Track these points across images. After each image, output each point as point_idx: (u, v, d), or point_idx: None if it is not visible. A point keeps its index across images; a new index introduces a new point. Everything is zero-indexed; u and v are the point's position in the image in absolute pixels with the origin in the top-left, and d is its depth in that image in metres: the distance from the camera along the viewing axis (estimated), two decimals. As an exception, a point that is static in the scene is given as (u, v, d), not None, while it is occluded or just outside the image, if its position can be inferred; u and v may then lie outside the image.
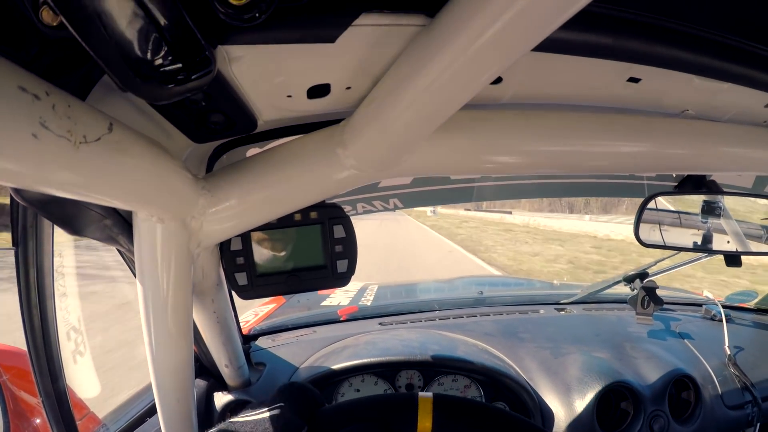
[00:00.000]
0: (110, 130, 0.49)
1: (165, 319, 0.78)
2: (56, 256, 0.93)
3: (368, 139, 0.68)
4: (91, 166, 0.48)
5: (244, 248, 0.87)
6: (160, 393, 0.88)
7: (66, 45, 0.45)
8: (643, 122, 0.81)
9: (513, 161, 0.79)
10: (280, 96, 0.66)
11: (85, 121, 0.46)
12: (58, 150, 0.42)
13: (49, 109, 0.40)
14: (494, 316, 2.06)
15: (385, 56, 0.58)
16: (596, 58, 0.62)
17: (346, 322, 2.04)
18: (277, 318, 2.15)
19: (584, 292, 2.32)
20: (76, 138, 0.44)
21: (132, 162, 0.54)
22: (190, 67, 0.46)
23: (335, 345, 1.75)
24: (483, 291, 2.54)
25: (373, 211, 1.81)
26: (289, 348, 1.75)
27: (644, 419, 1.55)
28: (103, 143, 0.48)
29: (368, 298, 2.62)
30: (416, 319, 2.03)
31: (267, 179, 0.74)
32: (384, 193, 1.72)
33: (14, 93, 0.37)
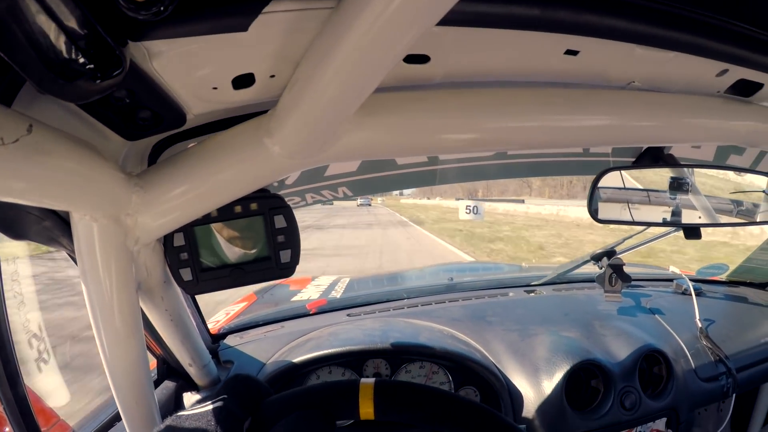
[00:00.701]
0: (29, 131, 0.50)
1: (112, 319, 0.78)
2: (9, 265, 0.93)
3: (293, 126, 0.68)
4: (12, 168, 0.49)
5: (187, 243, 0.87)
6: (118, 395, 0.88)
7: None
8: (587, 95, 0.80)
9: (447, 140, 0.79)
10: (206, 88, 0.66)
11: (2, 124, 0.46)
12: None
13: None
14: (463, 301, 2.07)
15: (301, 41, 0.58)
16: (526, 30, 0.62)
17: (315, 316, 2.04)
18: (247, 316, 2.15)
19: (554, 273, 2.34)
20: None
21: (55, 162, 0.55)
22: (102, 67, 0.46)
23: (302, 339, 1.75)
24: (453, 277, 2.55)
25: (322, 200, 1.79)
26: (257, 344, 1.75)
27: (615, 396, 1.57)
28: (21, 144, 0.48)
29: (339, 291, 2.63)
30: (384, 308, 2.04)
31: (198, 173, 0.74)
32: (331, 182, 1.69)
33: None
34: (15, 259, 0.97)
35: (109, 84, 0.47)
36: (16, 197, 0.54)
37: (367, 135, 0.74)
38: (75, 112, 0.62)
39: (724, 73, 0.77)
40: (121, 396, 0.88)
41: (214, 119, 0.80)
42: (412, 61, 0.68)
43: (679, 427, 1.70)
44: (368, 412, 0.80)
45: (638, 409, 1.59)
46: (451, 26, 0.57)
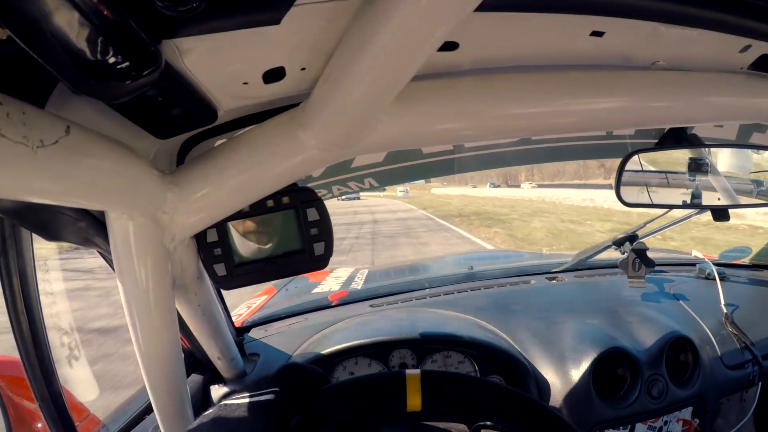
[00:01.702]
0: (67, 132, 0.50)
1: (149, 316, 0.78)
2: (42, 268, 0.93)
3: (327, 118, 0.68)
4: (52, 169, 0.49)
5: (220, 239, 0.87)
6: (152, 389, 0.89)
7: (17, 57, 0.46)
8: (612, 77, 0.79)
9: (478, 127, 0.78)
10: (237, 84, 0.66)
11: (41, 125, 0.46)
12: (16, 156, 0.43)
13: (4, 117, 0.41)
14: (485, 289, 2.05)
15: (333, 32, 0.58)
16: (553, 13, 0.61)
17: (337, 307, 2.04)
18: (269, 308, 2.15)
19: (575, 259, 2.31)
20: (32, 143, 0.44)
21: (92, 162, 0.55)
22: (137, 65, 0.46)
23: (326, 330, 1.76)
24: (473, 266, 2.54)
25: (349, 192, 1.79)
26: (282, 337, 1.75)
27: (642, 384, 1.55)
28: (60, 146, 0.48)
29: (359, 282, 2.62)
30: (407, 298, 2.03)
31: (232, 168, 0.74)
32: (358, 173, 1.70)
33: None
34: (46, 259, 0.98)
35: (144, 83, 0.47)
36: (56, 199, 0.54)
37: (402, 124, 0.74)
38: (106, 113, 0.62)
39: (747, 48, 0.76)
40: (155, 390, 0.89)
41: (242, 114, 0.80)
42: (441, 48, 0.67)
43: (706, 416, 1.67)
44: (416, 404, 0.79)
45: (665, 398, 1.57)
46: (481, 12, 0.56)
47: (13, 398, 1.42)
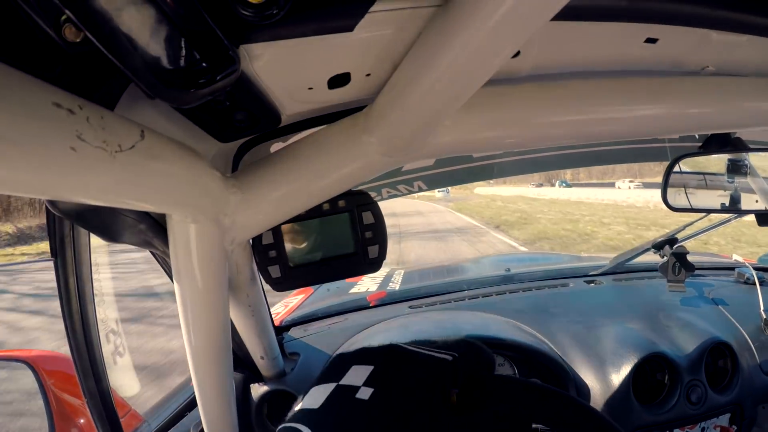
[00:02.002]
0: (142, 137, 0.50)
1: (203, 317, 0.79)
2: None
3: (393, 124, 0.68)
4: (128, 174, 0.49)
5: (275, 241, 0.88)
6: (199, 387, 0.90)
7: (88, 60, 0.46)
8: (663, 83, 0.79)
9: (537, 134, 0.78)
10: (302, 89, 0.66)
11: (118, 130, 0.46)
12: (95, 161, 0.43)
13: (84, 122, 0.41)
14: (523, 292, 2.04)
15: (403, 40, 0.58)
16: (611, 21, 0.61)
17: (376, 308, 2.04)
18: (307, 308, 2.16)
19: (613, 262, 2.28)
20: (111, 148, 0.44)
21: (165, 167, 0.55)
22: (215, 69, 0.46)
23: (368, 330, 1.76)
24: (510, 268, 2.52)
25: (398, 195, 1.80)
26: (322, 336, 1.76)
27: (681, 389, 1.53)
28: (137, 151, 0.49)
29: (396, 283, 2.62)
30: (445, 300, 2.02)
31: (295, 172, 0.74)
32: (408, 176, 1.71)
33: (50, 109, 0.38)
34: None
35: (219, 87, 0.47)
36: (128, 204, 0.54)
37: (464, 130, 0.74)
38: (171, 116, 0.62)
39: None
40: (203, 389, 0.90)
41: (300, 119, 0.80)
42: None
43: (743, 423, 1.64)
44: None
45: (704, 404, 1.55)
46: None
47: (57, 393, 1.45)
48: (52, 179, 0.40)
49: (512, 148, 0.84)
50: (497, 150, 0.87)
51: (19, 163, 0.36)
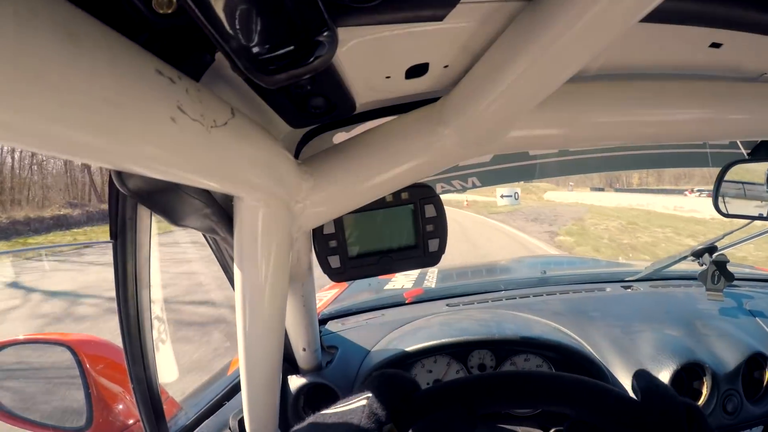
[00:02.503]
0: (233, 115, 0.50)
1: (262, 306, 0.79)
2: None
3: (469, 116, 0.67)
4: (218, 151, 0.49)
5: (336, 231, 0.88)
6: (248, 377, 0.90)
7: (173, 32, 0.45)
8: (725, 87, 0.78)
9: (604, 133, 0.78)
10: (380, 77, 0.66)
11: (213, 105, 0.46)
12: (193, 134, 0.43)
13: (184, 93, 0.41)
14: (560, 294, 2.03)
15: (487, 33, 0.58)
16: (681, 24, 0.61)
17: (413, 305, 2.05)
18: (342, 302, 2.17)
19: (650, 268, 2.26)
20: (207, 122, 0.44)
21: (248, 147, 0.55)
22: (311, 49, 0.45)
23: (407, 327, 1.76)
24: (546, 270, 2.51)
25: (451, 191, 1.80)
26: (359, 331, 1.77)
27: (718, 399, 1.51)
28: (229, 128, 0.49)
29: (431, 281, 2.62)
30: (483, 299, 2.02)
31: (367, 161, 0.74)
32: (464, 171, 1.71)
33: (153, 76, 0.38)
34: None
35: (314, 68, 0.46)
36: (212, 181, 0.54)
37: (537, 126, 0.74)
38: (248, 98, 0.62)
39: None
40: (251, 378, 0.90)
41: (373, 108, 0.80)
42: None
43: None
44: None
45: (739, 414, 1.52)
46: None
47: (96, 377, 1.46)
48: (150, 149, 0.40)
49: (580, 146, 0.84)
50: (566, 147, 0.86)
51: (121, 127, 0.36)
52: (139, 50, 0.37)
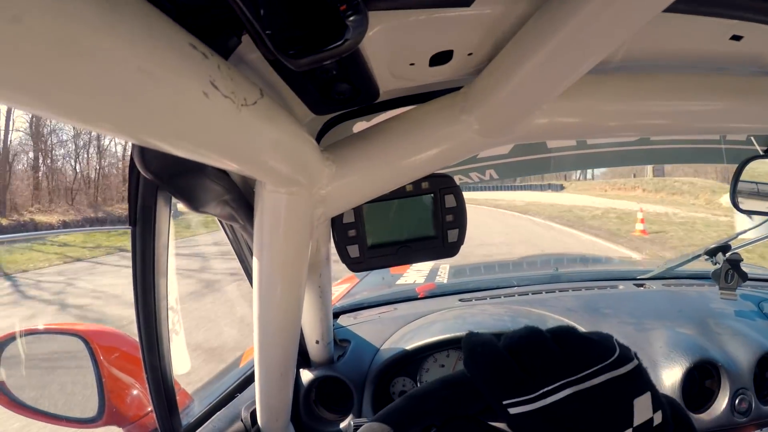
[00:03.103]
0: (262, 95, 0.49)
1: (280, 295, 0.79)
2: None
3: (493, 104, 0.67)
4: (246, 131, 0.49)
5: (356, 220, 0.88)
6: (263, 368, 0.90)
7: (202, 10, 0.45)
8: (745, 82, 0.78)
9: (625, 124, 0.78)
10: (404, 64, 0.66)
11: (243, 84, 0.46)
12: (224, 111, 0.43)
13: (216, 69, 0.41)
14: (573, 291, 2.02)
15: (512, 20, 0.58)
16: (701, 15, 0.61)
17: (425, 299, 2.05)
18: (354, 296, 2.18)
19: (662, 267, 2.25)
20: (238, 100, 0.44)
21: (276, 130, 0.55)
22: (341, 31, 0.45)
23: (420, 321, 1.76)
24: (558, 267, 2.51)
25: (469, 183, 1.80)
26: (372, 325, 1.77)
27: (729, 398, 1.50)
28: (258, 108, 0.48)
29: (443, 276, 2.62)
30: (495, 295, 2.02)
31: (391, 148, 0.74)
32: (482, 164, 1.71)
33: (188, 49, 0.38)
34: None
35: (344, 50, 0.45)
36: (238, 162, 0.53)
37: (559, 116, 0.74)
38: (273, 81, 0.61)
39: None
40: (266, 370, 0.90)
41: (394, 96, 0.80)
42: None
43: None
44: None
45: (750, 414, 1.52)
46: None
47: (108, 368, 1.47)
48: (181, 122, 0.40)
49: (600, 136, 0.83)
50: (586, 137, 0.86)
51: (154, 98, 0.36)
52: (173, 24, 0.37)
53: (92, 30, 0.28)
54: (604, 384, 0.65)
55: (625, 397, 0.66)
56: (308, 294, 1.05)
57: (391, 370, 1.58)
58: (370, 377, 1.51)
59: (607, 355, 0.68)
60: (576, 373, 0.66)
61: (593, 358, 0.68)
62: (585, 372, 0.66)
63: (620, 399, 0.66)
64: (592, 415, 0.64)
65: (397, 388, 1.61)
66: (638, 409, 0.65)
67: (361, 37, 0.46)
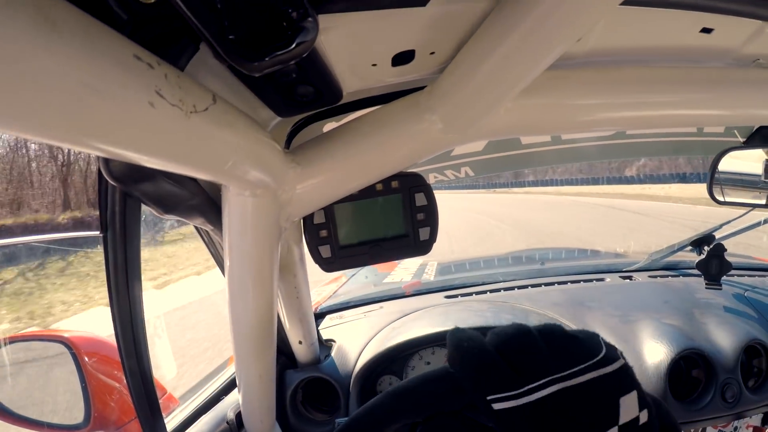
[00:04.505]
0: (214, 101, 0.50)
1: (252, 296, 0.79)
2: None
3: (456, 103, 0.68)
4: (198, 137, 0.49)
5: (327, 221, 0.88)
6: (242, 370, 0.90)
7: (157, 20, 0.45)
8: (716, 73, 0.79)
9: (592, 120, 0.78)
10: (366, 65, 0.66)
11: (193, 91, 0.46)
12: (171, 119, 0.43)
13: (163, 78, 0.41)
14: (559, 285, 2.03)
15: (472, 18, 0.58)
16: (670, 8, 0.61)
17: (411, 297, 2.05)
18: (341, 297, 2.18)
19: (648, 258, 2.25)
20: (187, 108, 0.44)
21: (231, 134, 0.55)
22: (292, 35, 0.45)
23: (405, 318, 1.76)
24: (544, 262, 2.52)
25: (444, 180, 1.80)
26: (358, 324, 1.77)
27: (716, 387, 1.51)
28: (210, 114, 0.48)
29: (430, 274, 2.63)
30: (481, 290, 2.03)
31: (356, 148, 0.74)
32: (456, 161, 1.70)
33: (131, 61, 0.38)
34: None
35: (296, 54, 0.46)
36: (193, 168, 0.54)
37: (524, 113, 0.74)
38: (234, 86, 0.62)
39: None
40: (245, 370, 0.90)
41: (358, 98, 0.80)
42: None
43: None
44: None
45: (738, 403, 1.53)
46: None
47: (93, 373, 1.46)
48: (129, 133, 0.40)
49: (570, 132, 0.84)
50: (555, 133, 0.87)
51: (100, 113, 0.36)
52: (118, 36, 0.37)
53: (31, 48, 0.29)
54: (590, 382, 0.66)
55: (610, 395, 0.67)
56: (285, 295, 1.06)
57: (377, 369, 1.58)
58: (356, 376, 1.51)
59: (593, 353, 0.69)
60: (562, 370, 0.66)
61: (580, 356, 0.69)
62: (571, 370, 0.67)
63: (606, 397, 0.66)
64: (577, 413, 0.65)
65: (383, 387, 1.61)
66: (624, 407, 0.66)
67: (312, 40, 0.46)
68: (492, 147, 1.68)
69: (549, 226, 17.30)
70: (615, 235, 14.68)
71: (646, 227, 15.81)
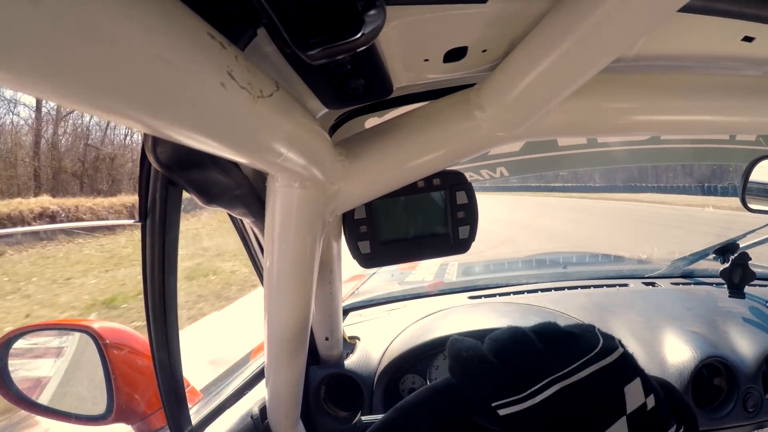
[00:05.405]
0: (277, 88, 0.49)
1: (291, 291, 0.79)
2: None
3: (507, 101, 0.67)
4: (263, 123, 0.49)
5: (368, 216, 0.88)
6: (273, 365, 0.90)
7: (220, 3, 0.45)
8: (756, 81, 0.78)
9: (638, 122, 0.78)
10: (418, 60, 0.66)
11: (259, 76, 0.46)
12: (240, 102, 0.43)
13: (233, 59, 0.41)
14: (582, 289, 2.03)
15: (529, 17, 0.58)
16: (713, 16, 0.61)
17: (434, 297, 2.05)
18: (364, 294, 2.18)
19: (672, 265, 2.25)
20: (254, 92, 0.44)
21: (291, 123, 0.55)
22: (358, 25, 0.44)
23: (429, 318, 1.76)
24: (567, 266, 2.51)
25: (479, 180, 1.80)
26: (381, 322, 1.78)
27: (738, 396, 1.51)
28: (273, 101, 0.48)
29: (452, 274, 2.64)
30: (504, 292, 2.02)
31: (403, 144, 0.74)
32: (492, 161, 1.71)
33: (206, 39, 0.37)
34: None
35: (361, 43, 0.45)
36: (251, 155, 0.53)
37: (572, 114, 0.74)
38: (287, 75, 0.61)
39: None
40: (277, 367, 0.90)
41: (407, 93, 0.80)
42: None
43: None
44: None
45: (759, 412, 1.52)
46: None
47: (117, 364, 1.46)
48: (197, 112, 0.39)
49: (611, 135, 0.84)
50: (598, 135, 0.86)
51: (171, 87, 0.35)
52: (191, 12, 0.37)
53: (111, 14, 0.28)
54: (591, 376, 0.66)
55: (614, 386, 0.66)
56: (318, 290, 1.05)
57: (401, 368, 1.58)
58: (380, 375, 1.51)
59: (590, 347, 0.69)
60: (561, 368, 0.66)
61: (577, 351, 0.68)
62: (570, 367, 0.66)
63: (610, 388, 0.66)
64: (583, 408, 0.64)
65: (406, 386, 1.61)
66: (629, 395, 0.65)
67: (377, 31, 0.45)
68: (528, 148, 1.69)
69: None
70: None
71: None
